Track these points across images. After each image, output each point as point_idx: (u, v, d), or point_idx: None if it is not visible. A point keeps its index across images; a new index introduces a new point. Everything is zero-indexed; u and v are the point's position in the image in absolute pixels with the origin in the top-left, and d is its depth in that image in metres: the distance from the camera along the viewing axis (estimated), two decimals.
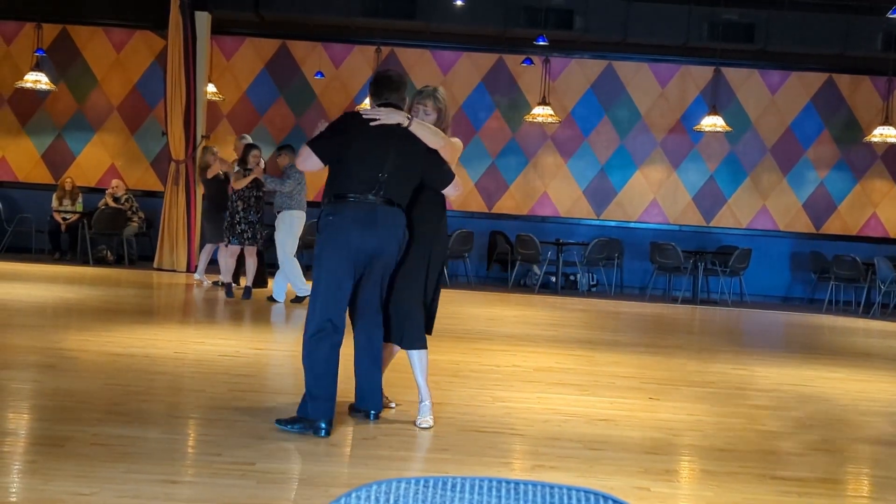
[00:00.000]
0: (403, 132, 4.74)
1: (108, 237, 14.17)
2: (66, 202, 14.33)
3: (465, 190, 5.48)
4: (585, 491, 1.25)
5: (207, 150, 11.82)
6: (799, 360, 8.54)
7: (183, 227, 13.26)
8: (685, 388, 6.63)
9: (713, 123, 13.37)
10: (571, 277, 14.61)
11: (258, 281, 10.91)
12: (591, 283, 14.78)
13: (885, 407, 6.50)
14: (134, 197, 14.44)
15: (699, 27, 13.58)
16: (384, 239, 4.67)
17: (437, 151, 4.84)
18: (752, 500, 4.02)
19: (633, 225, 15.31)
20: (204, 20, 13.38)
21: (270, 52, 15.28)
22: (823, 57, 14.46)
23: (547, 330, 9.72)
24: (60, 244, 14.36)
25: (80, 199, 14.46)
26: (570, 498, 1.24)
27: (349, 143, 4.75)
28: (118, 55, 15.23)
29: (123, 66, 15.21)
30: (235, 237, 10.36)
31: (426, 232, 4.90)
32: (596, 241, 14.28)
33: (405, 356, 5.00)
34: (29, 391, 5.38)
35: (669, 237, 14.70)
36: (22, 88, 14.04)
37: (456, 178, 4.96)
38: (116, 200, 14.19)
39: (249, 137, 11.68)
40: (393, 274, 4.85)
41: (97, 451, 4.09)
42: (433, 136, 4.84)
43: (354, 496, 1.25)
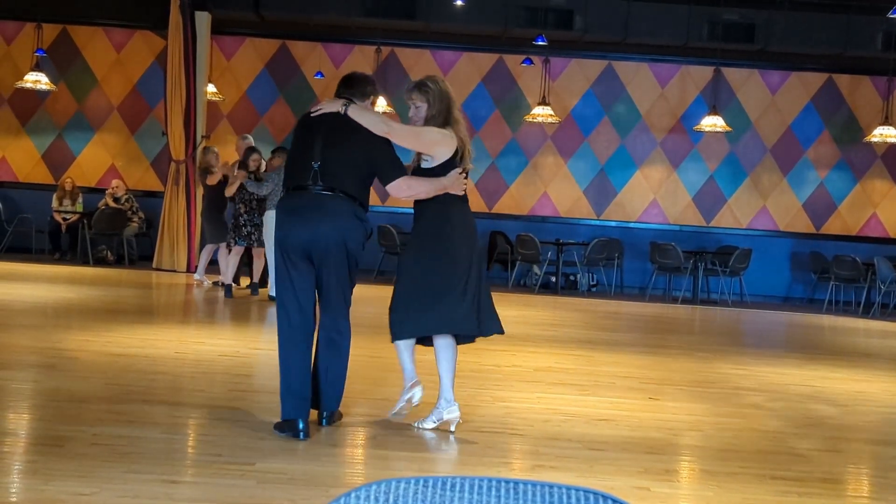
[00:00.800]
0: (339, 120, 4.60)
1: (108, 237, 14.17)
2: (66, 202, 14.33)
3: (416, 194, 5.03)
4: (585, 491, 1.25)
5: (207, 150, 11.82)
6: (799, 360, 8.53)
7: (183, 227, 13.26)
8: (685, 388, 6.63)
9: (713, 123, 13.38)
10: (571, 277, 14.60)
11: (262, 280, 10.93)
12: (591, 283, 14.78)
13: (885, 407, 6.50)
14: (134, 197, 14.44)
15: (699, 27, 13.58)
16: (321, 229, 4.51)
17: (388, 142, 4.64)
18: (752, 500, 4.02)
19: (633, 225, 15.30)
20: (204, 20, 13.38)
21: (270, 52, 15.28)
22: (823, 57, 14.45)
23: (547, 330, 9.72)
24: (61, 244, 14.36)
25: (80, 199, 14.46)
26: (569, 498, 1.24)
27: (293, 139, 4.83)
28: (118, 55, 15.23)
29: (123, 66, 15.20)
30: (242, 238, 10.45)
31: (445, 232, 4.67)
32: (596, 241, 14.27)
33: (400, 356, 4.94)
34: (29, 391, 5.38)
35: (669, 237, 14.69)
36: (22, 88, 14.02)
37: (407, 179, 4.62)
38: (116, 201, 14.19)
39: (251, 137, 11.69)
40: (410, 268, 4.70)
41: (97, 451, 4.09)
42: (376, 122, 4.62)
43: (354, 496, 1.25)
